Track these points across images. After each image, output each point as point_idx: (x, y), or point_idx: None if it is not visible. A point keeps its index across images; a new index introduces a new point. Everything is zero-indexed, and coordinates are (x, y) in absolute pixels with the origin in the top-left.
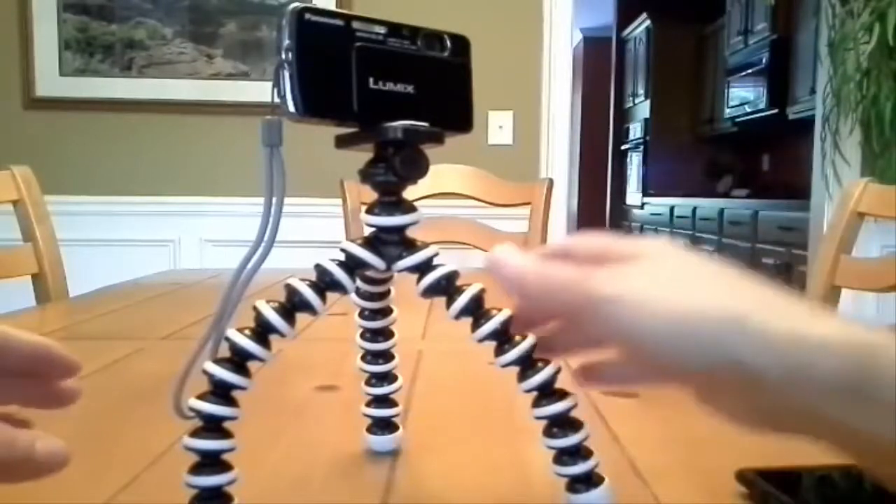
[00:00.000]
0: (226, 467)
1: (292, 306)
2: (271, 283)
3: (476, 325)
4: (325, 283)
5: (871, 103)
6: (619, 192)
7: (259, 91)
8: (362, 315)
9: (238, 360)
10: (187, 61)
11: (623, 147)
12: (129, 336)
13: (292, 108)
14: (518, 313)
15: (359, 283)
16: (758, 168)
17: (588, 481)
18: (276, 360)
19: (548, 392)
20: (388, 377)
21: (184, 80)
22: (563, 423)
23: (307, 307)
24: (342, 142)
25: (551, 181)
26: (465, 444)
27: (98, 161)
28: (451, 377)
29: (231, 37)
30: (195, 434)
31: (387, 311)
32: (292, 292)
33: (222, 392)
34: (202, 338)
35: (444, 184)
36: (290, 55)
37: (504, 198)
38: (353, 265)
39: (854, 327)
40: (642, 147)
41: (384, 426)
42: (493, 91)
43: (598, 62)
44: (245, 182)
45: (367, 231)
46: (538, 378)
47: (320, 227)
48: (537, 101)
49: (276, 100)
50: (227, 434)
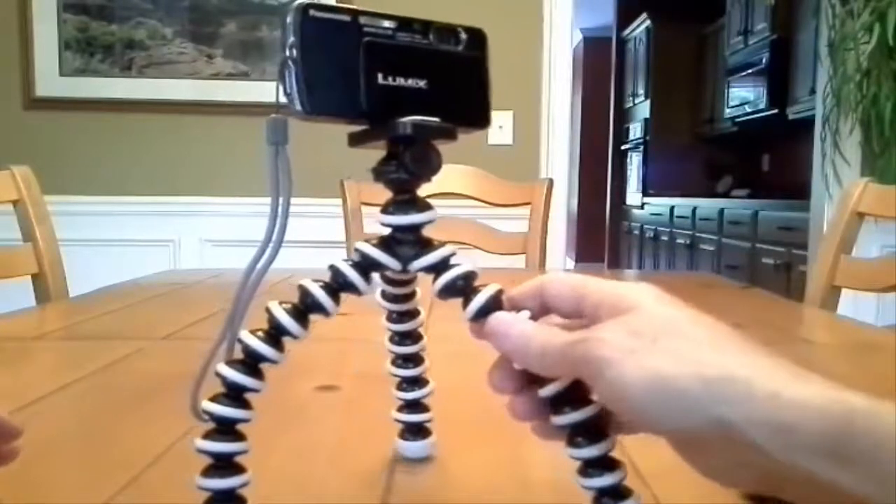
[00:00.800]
0: (239, 469)
1: (305, 308)
2: (272, 283)
3: None
4: (338, 285)
5: (871, 103)
6: (619, 192)
7: (259, 91)
8: (390, 318)
9: (251, 363)
10: (187, 61)
11: (623, 147)
12: (129, 336)
13: (299, 107)
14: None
15: (383, 284)
16: (758, 168)
17: (616, 494)
18: None
19: (569, 398)
20: (418, 381)
21: (184, 80)
22: (586, 432)
23: (320, 309)
24: (354, 140)
25: (551, 181)
26: (480, 449)
27: (98, 161)
28: (461, 380)
29: (231, 37)
30: (208, 436)
31: (414, 313)
32: (305, 294)
33: (235, 394)
34: (216, 338)
35: (444, 184)
36: (294, 52)
37: (504, 198)
38: (367, 266)
39: (834, 390)
40: (642, 147)
41: (416, 431)
42: (493, 91)
43: (598, 62)
44: (245, 182)
45: (384, 231)
46: (559, 384)
47: (320, 227)
48: (537, 101)
49: (282, 98)
50: (239, 436)
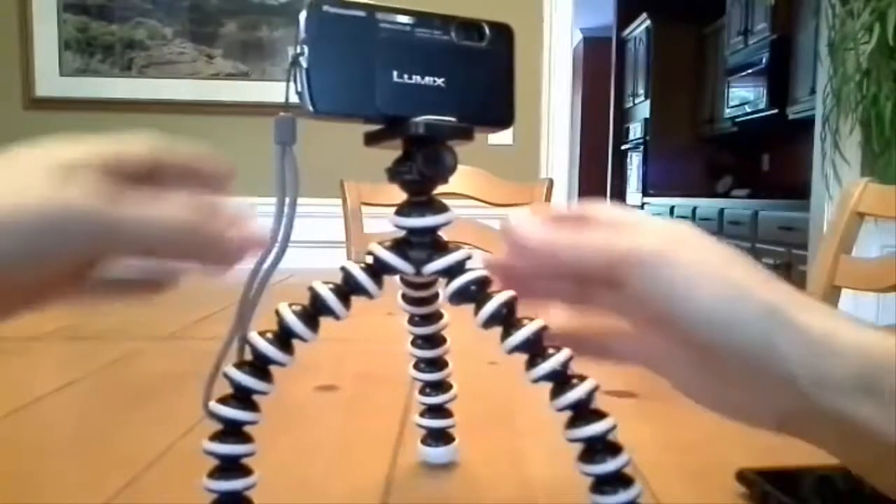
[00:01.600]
0: (245, 471)
1: (315, 311)
2: (272, 283)
3: (506, 335)
4: (349, 288)
5: (871, 103)
6: (619, 192)
7: (259, 91)
8: (412, 321)
9: (259, 365)
10: (187, 61)
11: (623, 147)
12: (129, 336)
13: (309, 106)
14: (517, 275)
15: (403, 287)
16: (758, 168)
17: (616, 481)
18: None
19: (583, 412)
20: (442, 386)
21: (184, 80)
22: (600, 448)
23: (330, 312)
24: (370, 139)
25: (551, 181)
26: (483, 449)
27: None
28: (463, 383)
29: (231, 37)
30: (215, 438)
31: (437, 316)
32: (315, 297)
33: (243, 396)
34: (225, 338)
35: (446, 184)
36: (306, 49)
37: (504, 198)
38: (379, 269)
39: (865, 328)
40: (642, 147)
41: (439, 437)
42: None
43: (598, 62)
44: (245, 182)
45: (384, 231)
46: (573, 395)
47: (320, 227)
48: (537, 101)
49: (293, 97)
50: (247, 438)
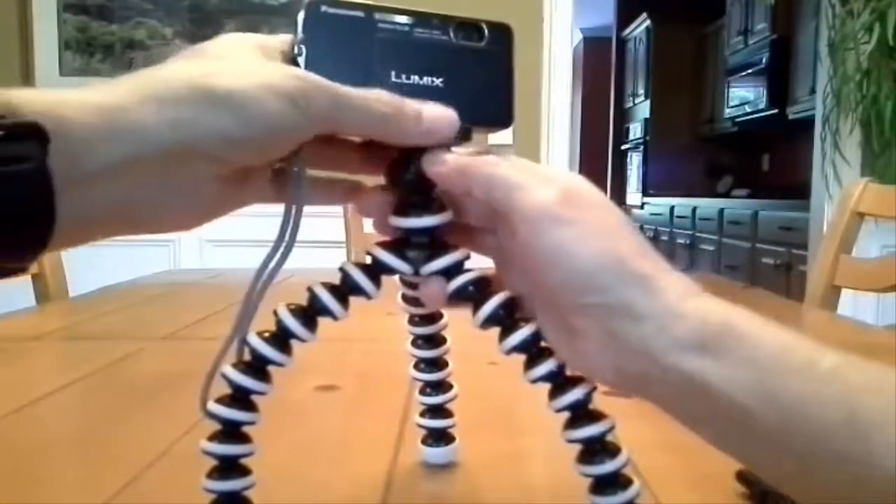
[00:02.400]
0: (244, 471)
1: (313, 312)
2: (272, 283)
3: (504, 336)
4: (347, 288)
5: (871, 103)
6: (619, 192)
7: None
8: (412, 321)
9: (258, 365)
10: None
11: (623, 147)
12: (129, 336)
13: None
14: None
15: (403, 287)
16: (758, 168)
17: (615, 482)
18: None
19: (582, 413)
20: (442, 386)
21: None
22: (599, 449)
23: (328, 313)
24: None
25: None
26: (484, 450)
27: None
28: (463, 383)
29: None
30: (213, 438)
31: (437, 316)
32: (314, 297)
33: (241, 397)
34: (226, 339)
35: None
36: (303, 49)
37: None
38: (377, 270)
39: (715, 299)
40: (642, 147)
41: (439, 437)
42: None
43: (598, 62)
44: None
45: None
46: (571, 396)
47: (320, 227)
48: (537, 101)
49: None
50: (245, 438)
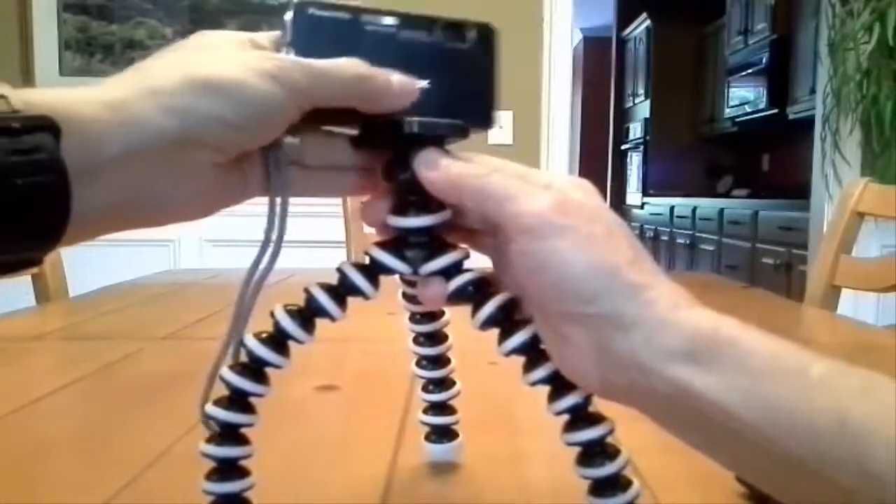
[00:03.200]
0: (243, 473)
1: (311, 313)
2: (272, 283)
3: (503, 337)
4: (345, 289)
5: (871, 103)
6: (619, 192)
7: None
8: (413, 319)
9: (255, 367)
10: None
11: (623, 147)
12: (129, 336)
13: None
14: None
15: (403, 286)
16: (758, 168)
17: (615, 483)
18: None
19: (581, 416)
20: (445, 382)
21: None
22: (598, 451)
23: (325, 314)
24: (359, 141)
25: None
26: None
27: None
28: (463, 383)
29: None
30: (212, 440)
31: (438, 314)
32: (311, 299)
33: (239, 399)
34: (222, 344)
35: None
36: (291, 51)
37: None
38: (375, 270)
39: (707, 310)
40: (642, 147)
41: (443, 434)
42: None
43: (598, 62)
44: None
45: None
46: (570, 399)
47: (320, 227)
48: (537, 101)
49: None
50: (243, 440)
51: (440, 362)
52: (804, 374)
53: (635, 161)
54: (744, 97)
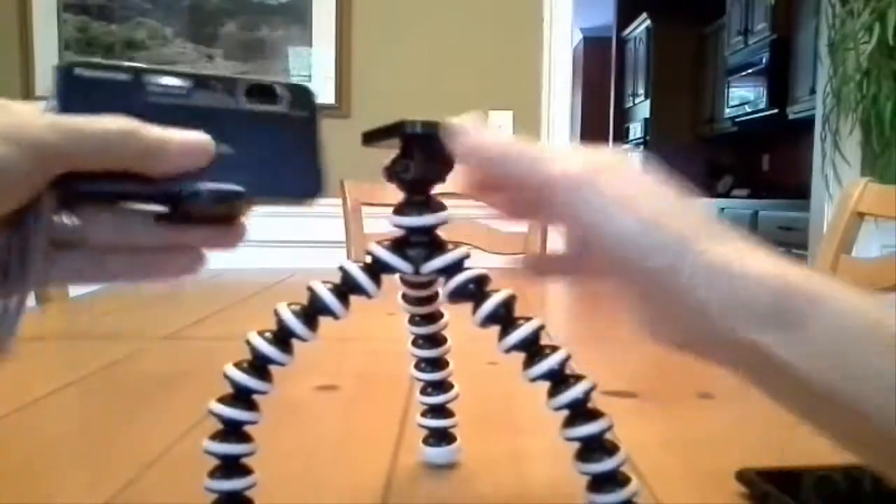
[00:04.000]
0: (246, 471)
1: (314, 311)
2: (272, 283)
3: (504, 334)
4: (347, 287)
5: (871, 103)
6: None
7: None
8: (412, 321)
9: (259, 364)
10: (187, 61)
11: (623, 147)
12: (129, 336)
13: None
14: (468, 180)
15: (403, 287)
16: (758, 168)
17: (613, 480)
18: None
19: (580, 411)
20: (443, 385)
21: None
22: (597, 447)
23: (328, 312)
24: (369, 138)
25: None
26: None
27: None
28: (463, 383)
29: (231, 37)
30: (215, 437)
31: (437, 316)
32: (314, 296)
33: (243, 396)
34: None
35: (444, 183)
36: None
37: None
38: (377, 269)
39: (774, 263)
40: (642, 147)
41: (441, 437)
42: (493, 91)
43: (598, 62)
44: None
45: (389, 231)
46: (570, 395)
47: (320, 227)
48: (537, 101)
49: None
50: (247, 438)
51: (439, 365)
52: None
53: None
54: (744, 97)
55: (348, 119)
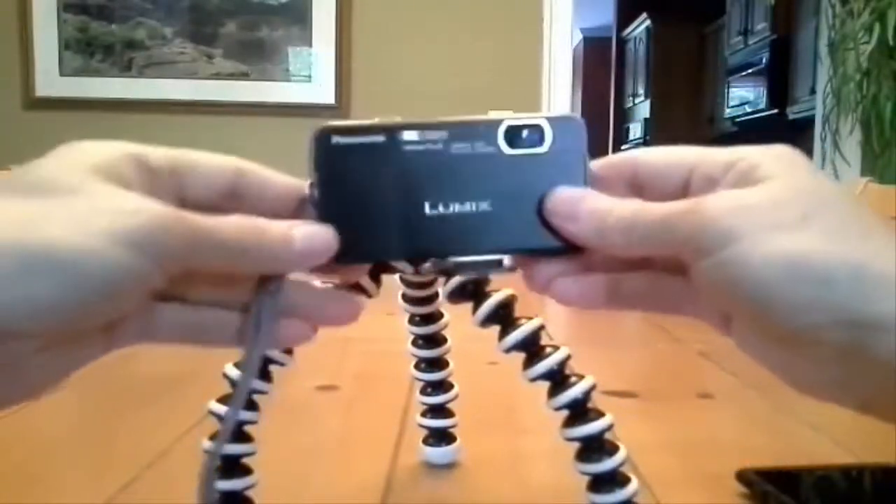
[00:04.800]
0: (246, 471)
1: None
2: None
3: (504, 334)
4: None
5: (871, 103)
6: None
7: (259, 91)
8: (412, 321)
9: (260, 364)
10: (187, 61)
11: (623, 147)
12: None
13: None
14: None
15: (403, 287)
16: None
17: (612, 480)
18: None
19: (580, 411)
20: (443, 385)
21: (184, 80)
22: (597, 447)
23: None
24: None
25: None
26: (484, 450)
27: None
28: (463, 383)
29: (231, 37)
30: (215, 437)
31: (437, 316)
32: None
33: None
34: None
35: None
36: (315, 191)
37: None
38: (377, 268)
39: None
40: (642, 147)
41: (441, 437)
42: (492, 91)
43: (598, 62)
44: None
45: None
46: (570, 394)
47: None
48: (537, 102)
49: None
50: (247, 438)
51: (439, 365)
52: None
53: None
54: (744, 97)
55: (348, 119)
